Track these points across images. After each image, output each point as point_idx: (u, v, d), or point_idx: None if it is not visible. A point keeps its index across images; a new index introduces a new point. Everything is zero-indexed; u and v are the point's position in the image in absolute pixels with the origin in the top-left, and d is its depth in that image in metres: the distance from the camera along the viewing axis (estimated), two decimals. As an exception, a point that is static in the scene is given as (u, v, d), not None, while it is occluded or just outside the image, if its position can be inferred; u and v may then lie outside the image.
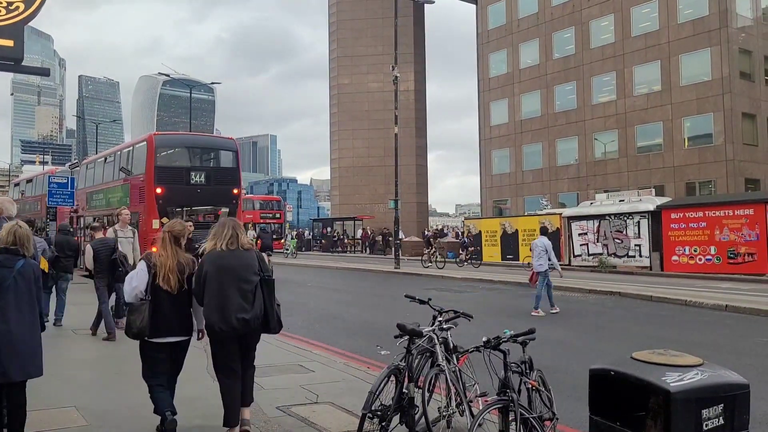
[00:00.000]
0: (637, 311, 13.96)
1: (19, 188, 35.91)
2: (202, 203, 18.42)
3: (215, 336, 4.95)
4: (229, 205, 18.36)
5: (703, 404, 3.32)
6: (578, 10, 41.74)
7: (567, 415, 5.84)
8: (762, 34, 36.58)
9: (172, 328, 5.03)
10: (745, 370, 4.07)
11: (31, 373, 4.48)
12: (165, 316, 4.96)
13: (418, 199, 75.06)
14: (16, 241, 4.56)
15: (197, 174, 18.18)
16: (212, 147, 20.52)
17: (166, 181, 17.45)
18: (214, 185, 18.24)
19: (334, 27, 78.54)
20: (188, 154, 19.17)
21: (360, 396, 5.28)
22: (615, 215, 25.50)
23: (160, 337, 4.98)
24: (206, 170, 18.55)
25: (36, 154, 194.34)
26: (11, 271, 4.44)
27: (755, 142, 35.73)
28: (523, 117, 45.43)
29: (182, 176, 17.94)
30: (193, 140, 22.32)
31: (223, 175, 18.80)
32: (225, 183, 18.62)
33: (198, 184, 18.01)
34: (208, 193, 18.07)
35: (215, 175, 18.56)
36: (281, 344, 9.13)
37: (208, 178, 18.32)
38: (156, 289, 4.96)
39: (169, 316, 4.99)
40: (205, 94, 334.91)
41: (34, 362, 4.49)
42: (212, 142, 21.78)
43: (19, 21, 6.90)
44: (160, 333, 4.97)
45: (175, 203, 17.66)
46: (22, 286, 4.47)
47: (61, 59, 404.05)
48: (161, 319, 4.94)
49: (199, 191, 17.89)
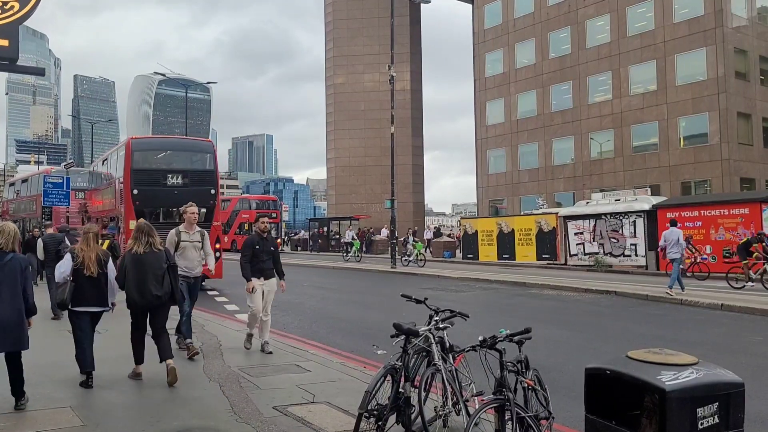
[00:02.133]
0: (632, 310, 14.00)
1: (14, 188, 35.78)
2: (178, 204, 18.19)
3: (134, 308, 7.10)
4: (206, 206, 18.36)
5: (698, 403, 3.34)
6: (574, 9, 41.81)
7: (563, 414, 5.86)
8: (757, 33, 36.71)
9: (90, 301, 6.70)
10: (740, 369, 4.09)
11: (16, 346, 5.63)
12: (84, 292, 6.64)
13: (414, 198, 75.16)
14: (2, 239, 5.65)
15: (174, 176, 18.40)
16: (189, 149, 20.76)
17: (143, 183, 17.83)
18: (191, 187, 18.31)
19: (330, 26, 78.50)
20: (165, 156, 19.55)
21: (356, 396, 5.28)
22: (611, 215, 25.56)
23: (80, 307, 6.69)
24: (183, 172, 18.69)
25: (31, 154, 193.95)
26: None
27: (750, 141, 35.86)
28: (519, 116, 45.49)
29: (158, 178, 18.23)
30: (170, 143, 22.80)
31: (199, 177, 18.96)
32: (202, 184, 18.72)
33: (175, 185, 18.21)
34: (184, 194, 17.49)
35: (192, 177, 18.75)
36: (277, 344, 9.14)
37: (185, 180, 18.49)
38: (78, 272, 6.60)
39: (88, 293, 6.67)
40: (201, 94, 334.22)
41: (19, 338, 5.62)
42: (189, 145, 21.94)
43: (14, 20, 6.88)
44: (80, 304, 6.67)
45: (151, 204, 18.05)
46: (9, 276, 5.57)
47: (56, 59, 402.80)
48: (81, 294, 6.64)
49: (176, 192, 17.91)
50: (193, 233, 8.57)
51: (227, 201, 51.19)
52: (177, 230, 8.55)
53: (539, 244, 28.65)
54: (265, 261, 8.67)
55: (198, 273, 8.63)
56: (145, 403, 6.17)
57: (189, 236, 8.50)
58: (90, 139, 72.45)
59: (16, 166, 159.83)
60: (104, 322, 11.22)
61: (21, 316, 5.64)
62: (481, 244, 31.36)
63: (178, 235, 8.44)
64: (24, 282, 5.70)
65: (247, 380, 6.98)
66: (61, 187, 23.03)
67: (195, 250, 8.52)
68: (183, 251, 8.40)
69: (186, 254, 8.43)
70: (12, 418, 5.62)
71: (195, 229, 8.65)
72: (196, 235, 8.59)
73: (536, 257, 28.57)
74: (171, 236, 8.38)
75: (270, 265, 8.74)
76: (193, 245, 8.50)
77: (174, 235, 8.41)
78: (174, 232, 8.50)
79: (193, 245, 8.50)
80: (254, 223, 7.31)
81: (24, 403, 5.87)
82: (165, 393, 6.51)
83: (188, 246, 8.45)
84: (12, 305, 5.57)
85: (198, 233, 8.64)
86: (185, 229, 8.55)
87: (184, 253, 8.40)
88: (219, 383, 6.86)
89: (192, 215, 8.62)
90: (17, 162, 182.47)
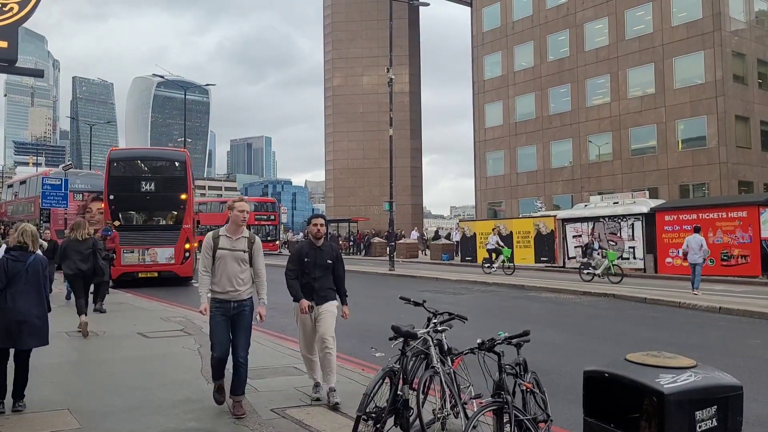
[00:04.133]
0: (631, 313, 14.00)
1: (12, 190, 35.70)
2: (151, 208, 21.14)
3: (71, 277, 11.00)
4: (176, 210, 20.74)
5: (697, 406, 3.34)
6: (572, 12, 41.88)
7: (561, 417, 5.85)
8: (755, 37, 36.79)
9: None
10: (738, 372, 4.09)
11: (41, 342, 5.97)
12: None
13: (412, 201, 75.15)
14: (26, 240, 6.01)
15: (147, 183, 20.67)
16: (161, 158, 23.00)
17: (119, 189, 20.20)
18: (162, 192, 20.59)
19: (329, 29, 78.56)
20: (140, 165, 21.77)
21: (354, 398, 5.28)
22: (609, 217, 25.59)
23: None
24: (155, 179, 20.83)
25: (29, 156, 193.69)
26: (24, 265, 5.86)
27: (748, 144, 35.91)
28: (517, 119, 45.52)
29: (133, 185, 20.54)
30: (145, 153, 25.89)
31: (171, 183, 20.86)
32: (173, 190, 20.69)
33: (147, 191, 20.52)
34: (156, 199, 20.79)
35: (163, 183, 20.75)
36: (276, 346, 9.13)
37: (157, 186, 20.62)
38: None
39: None
40: (199, 96, 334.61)
41: (40, 335, 5.94)
42: (162, 155, 24.36)
43: (13, 22, 6.89)
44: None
45: (126, 209, 20.53)
46: (32, 276, 5.89)
47: (54, 60, 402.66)
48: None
49: (148, 198, 20.55)
50: (237, 239, 6.03)
51: (225, 203, 51.17)
52: (216, 233, 6.07)
53: (538, 246, 28.66)
54: (318, 278, 6.33)
55: (243, 296, 6.00)
56: (143, 405, 6.16)
57: (231, 242, 5.99)
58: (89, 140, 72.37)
59: (14, 167, 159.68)
60: (102, 324, 11.27)
61: (45, 314, 6.03)
62: (480, 246, 31.35)
63: (216, 240, 6.00)
64: (44, 281, 6.06)
65: (246, 382, 6.96)
66: (60, 189, 22.92)
67: (237, 263, 5.97)
68: (220, 262, 5.95)
69: (223, 267, 5.95)
70: (10, 421, 5.61)
71: (241, 233, 6.09)
72: (242, 242, 6.05)
73: (534, 260, 28.59)
74: (207, 241, 6.03)
75: (326, 283, 6.38)
76: (235, 256, 5.96)
77: (210, 240, 6.02)
78: (211, 236, 6.07)
79: (235, 256, 5.96)
80: (307, 225, 6.59)
81: (22, 406, 5.88)
82: (163, 395, 6.51)
83: (227, 256, 5.94)
84: (38, 304, 5.92)
85: (244, 240, 6.07)
86: (228, 232, 6.03)
87: (220, 265, 5.95)
88: (217, 385, 6.84)
89: (241, 214, 6.03)
90: (15, 164, 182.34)
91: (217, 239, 5.99)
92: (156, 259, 20.18)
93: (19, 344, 5.82)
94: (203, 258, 6.02)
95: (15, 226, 7.58)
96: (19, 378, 5.93)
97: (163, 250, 20.31)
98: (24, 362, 5.96)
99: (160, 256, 20.24)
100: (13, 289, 5.76)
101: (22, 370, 5.95)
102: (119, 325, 11.20)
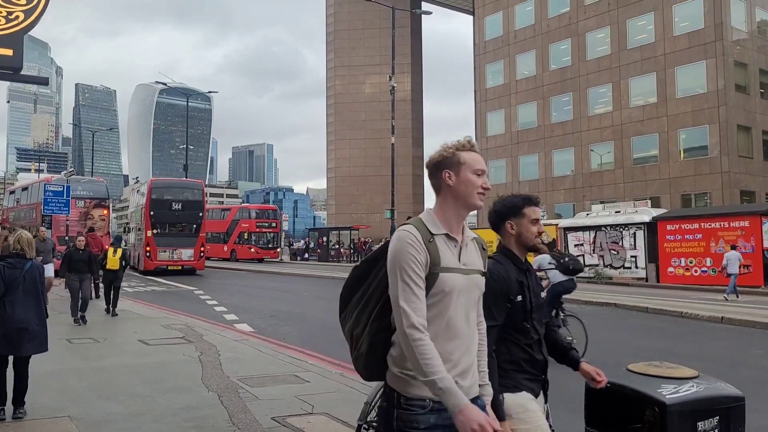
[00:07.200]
0: (632, 323, 13.96)
1: (14, 196, 35.78)
2: (178, 221, 29.87)
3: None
4: (195, 223, 29.83)
5: (699, 416, 3.33)
6: (574, 22, 42.02)
7: (562, 427, 5.83)
8: (757, 47, 36.88)
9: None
10: (740, 383, 4.08)
11: (40, 349, 5.93)
12: None
13: (414, 209, 75.07)
14: (23, 247, 5.94)
15: (175, 204, 29.41)
16: (185, 187, 31.71)
17: (157, 208, 28.89)
18: (186, 210, 29.55)
19: (332, 36, 78.86)
20: (171, 191, 30.28)
21: (355, 406, 5.27)
22: (611, 226, 25.56)
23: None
24: (181, 201, 29.57)
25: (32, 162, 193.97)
26: (21, 272, 5.79)
27: (750, 154, 35.93)
28: (519, 128, 45.60)
29: (166, 205, 29.20)
30: (174, 183, 34.56)
31: (191, 205, 29.82)
32: (193, 209, 29.74)
33: (176, 210, 29.39)
34: (182, 215, 29.70)
35: (186, 205, 29.64)
36: (277, 354, 9.11)
37: (182, 206, 29.48)
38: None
39: None
40: (202, 103, 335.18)
41: (40, 341, 5.92)
42: (186, 184, 32.70)
43: (19, 30, 6.93)
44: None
45: (161, 222, 29.03)
46: (29, 283, 5.84)
47: (58, 67, 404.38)
48: None
49: (176, 214, 29.44)
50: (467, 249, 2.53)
51: (227, 210, 51.19)
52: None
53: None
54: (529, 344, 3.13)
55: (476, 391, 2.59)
56: (144, 413, 6.15)
57: (464, 258, 2.48)
58: (91, 147, 72.59)
59: (16, 174, 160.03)
60: (103, 331, 11.27)
61: (44, 320, 6.04)
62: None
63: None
64: (41, 287, 6.07)
65: (246, 390, 6.95)
66: (62, 196, 22.97)
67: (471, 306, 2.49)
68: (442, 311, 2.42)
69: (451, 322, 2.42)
70: (10, 428, 5.60)
71: (472, 249, 2.54)
72: (474, 259, 2.52)
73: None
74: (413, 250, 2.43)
75: (540, 354, 3.21)
76: (470, 294, 2.45)
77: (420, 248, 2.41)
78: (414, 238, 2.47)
79: (470, 294, 2.45)
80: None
81: (22, 413, 5.87)
82: (164, 403, 6.50)
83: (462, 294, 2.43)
84: (36, 311, 5.93)
85: (476, 255, 2.56)
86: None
87: (443, 315, 2.41)
88: (218, 393, 6.83)
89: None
90: (18, 170, 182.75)
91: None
92: (181, 257, 28.68)
93: (19, 351, 5.81)
94: None
95: (5, 234, 7.62)
96: (19, 385, 5.89)
97: (186, 251, 28.88)
98: (23, 369, 5.93)
99: (184, 255, 28.78)
100: (11, 296, 5.74)
101: (21, 377, 5.92)
102: (120, 332, 11.19)
